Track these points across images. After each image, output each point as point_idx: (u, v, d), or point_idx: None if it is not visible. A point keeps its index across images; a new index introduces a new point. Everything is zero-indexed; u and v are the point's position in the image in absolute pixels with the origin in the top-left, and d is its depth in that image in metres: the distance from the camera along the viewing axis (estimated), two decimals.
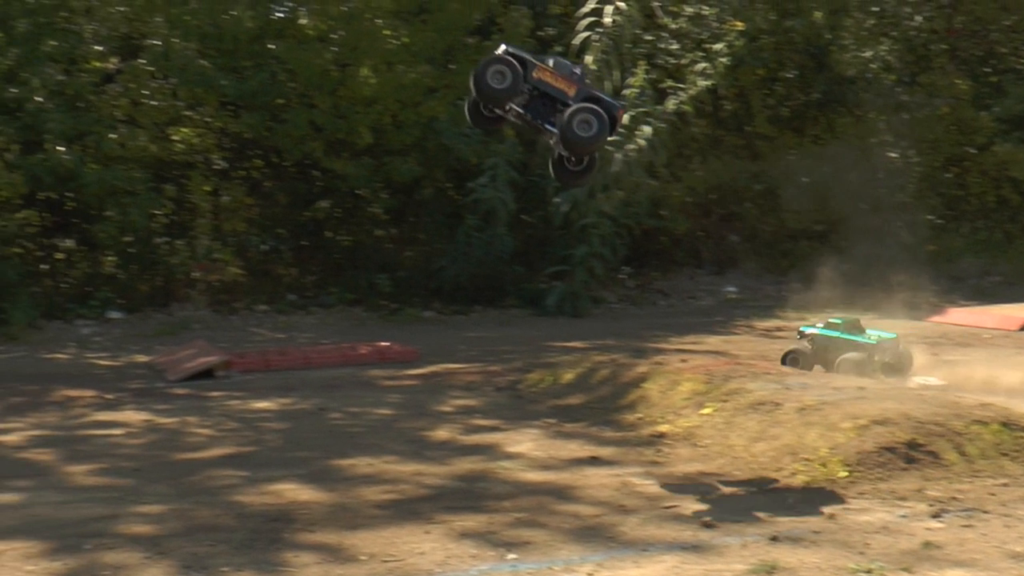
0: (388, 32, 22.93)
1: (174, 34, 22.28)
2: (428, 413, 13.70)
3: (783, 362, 15.53)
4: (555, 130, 11.13)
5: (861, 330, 15.65)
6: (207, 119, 23.62)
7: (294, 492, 10.02)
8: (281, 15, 23.24)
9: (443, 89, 23.45)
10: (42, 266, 22.84)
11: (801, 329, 16.20)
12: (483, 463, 11.05)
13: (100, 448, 12.08)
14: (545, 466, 10.93)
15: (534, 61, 11.31)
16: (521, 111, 11.31)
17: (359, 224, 25.48)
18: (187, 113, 23.48)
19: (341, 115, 22.98)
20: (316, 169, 24.57)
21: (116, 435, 12.74)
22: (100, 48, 22.59)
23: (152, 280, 23.11)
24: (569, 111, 11.02)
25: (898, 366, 15.34)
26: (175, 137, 23.36)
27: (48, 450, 12.00)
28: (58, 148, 21.23)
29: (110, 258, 23.10)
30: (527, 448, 11.67)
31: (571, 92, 11.21)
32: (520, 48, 11.84)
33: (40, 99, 21.17)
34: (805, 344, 15.76)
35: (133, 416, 13.72)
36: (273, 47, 22.88)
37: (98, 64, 22.58)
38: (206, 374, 16.46)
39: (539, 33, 26.55)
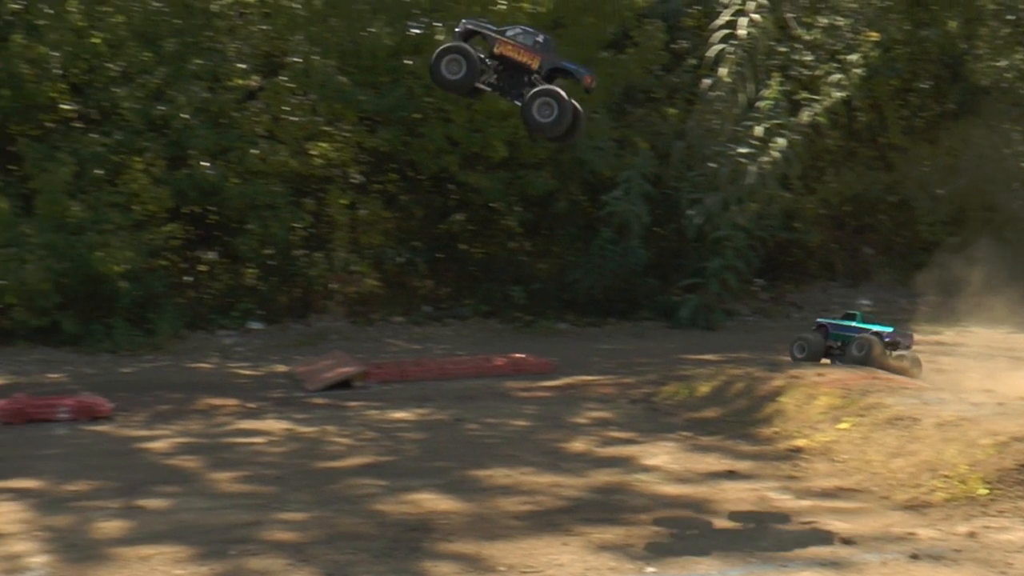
0: None
1: (314, 51, 22.64)
2: (564, 425, 13.79)
3: (791, 348, 16.37)
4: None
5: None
6: (345, 134, 23.94)
7: (432, 502, 10.16)
8: (418, 31, 23.39)
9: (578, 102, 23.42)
10: (186, 278, 23.38)
11: (818, 320, 17.12)
12: (620, 475, 11.11)
13: (243, 456, 12.38)
14: (682, 479, 10.96)
15: (495, 35, 11.11)
16: (489, 89, 11.18)
17: (493, 237, 25.67)
18: (326, 128, 23.81)
19: (477, 129, 23.16)
20: (451, 182, 24.83)
21: (258, 443, 13.03)
22: (243, 66, 22.97)
23: (291, 292, 23.54)
24: (528, 96, 10.85)
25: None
26: (314, 152, 23.71)
27: (193, 457, 12.32)
28: (202, 163, 21.78)
29: (251, 270, 23.59)
30: (663, 461, 11.71)
31: (535, 64, 11.07)
32: (481, 22, 11.61)
33: (186, 116, 21.67)
34: (818, 335, 16.32)
35: (274, 425, 14.02)
36: (410, 63, 23.09)
37: (241, 82, 23.01)
38: (344, 384, 16.73)
39: (673, 46, 26.53)
